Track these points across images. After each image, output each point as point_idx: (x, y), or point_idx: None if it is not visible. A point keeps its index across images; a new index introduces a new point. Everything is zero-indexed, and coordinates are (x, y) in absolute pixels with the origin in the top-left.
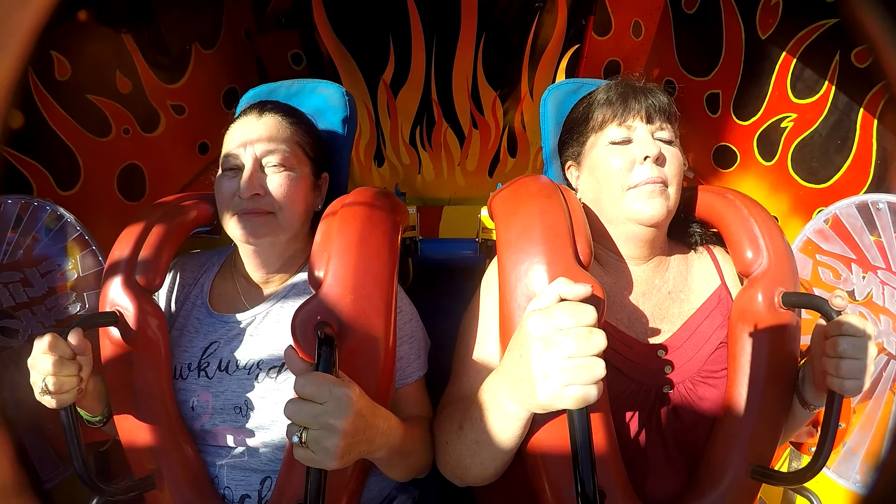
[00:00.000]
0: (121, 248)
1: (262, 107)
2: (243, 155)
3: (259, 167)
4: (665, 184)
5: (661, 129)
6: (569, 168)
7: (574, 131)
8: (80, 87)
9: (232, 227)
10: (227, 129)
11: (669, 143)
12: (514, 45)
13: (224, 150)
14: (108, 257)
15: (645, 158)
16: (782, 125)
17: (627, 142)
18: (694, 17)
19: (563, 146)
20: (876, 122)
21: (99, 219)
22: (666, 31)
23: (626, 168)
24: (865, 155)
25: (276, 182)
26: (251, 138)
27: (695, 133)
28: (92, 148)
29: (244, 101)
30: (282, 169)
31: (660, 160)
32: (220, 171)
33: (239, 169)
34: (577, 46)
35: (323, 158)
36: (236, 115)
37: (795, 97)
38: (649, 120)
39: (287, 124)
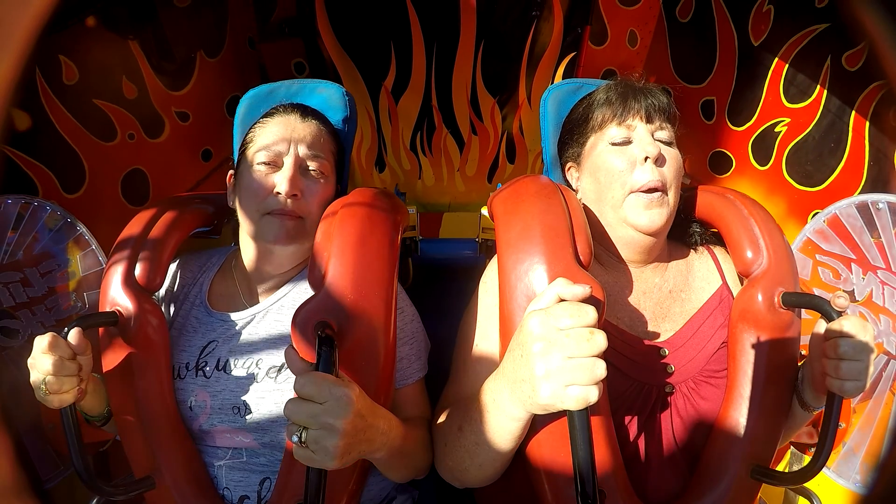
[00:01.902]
0: (121, 248)
1: (304, 110)
2: (286, 151)
3: (300, 168)
4: (665, 189)
5: (661, 128)
6: (569, 169)
7: (574, 132)
8: (87, 92)
9: (260, 225)
10: (258, 124)
11: (669, 144)
12: (512, 52)
13: (260, 142)
14: (109, 257)
15: (645, 159)
16: (776, 130)
17: (627, 142)
18: (688, 26)
19: (563, 147)
20: (868, 123)
21: (102, 222)
22: (661, 39)
23: (626, 169)
24: (858, 157)
25: (314, 189)
26: (296, 136)
27: (690, 140)
28: (97, 152)
29: (244, 101)
30: (321, 176)
31: (659, 161)
32: (249, 165)
33: (275, 165)
34: (573, 54)
35: (342, 172)
36: (255, 113)
37: (788, 102)
38: (649, 119)
39: (326, 133)
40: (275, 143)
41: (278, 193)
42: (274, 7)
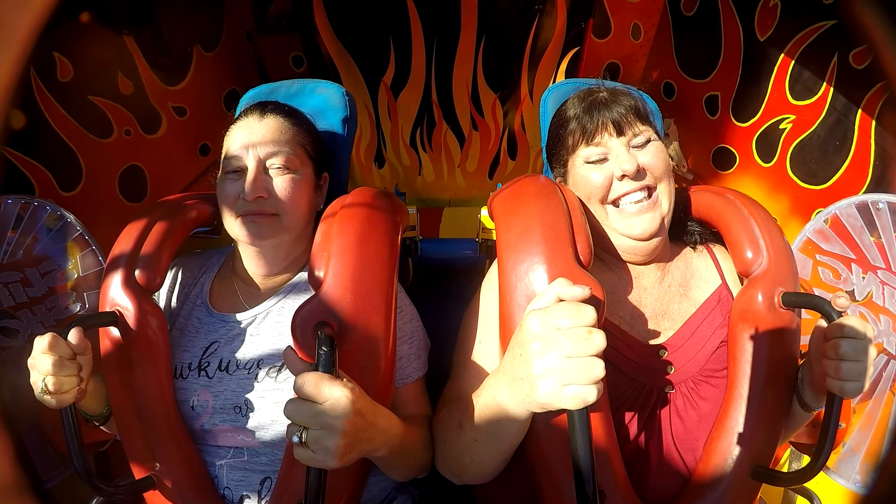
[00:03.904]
0: (121, 248)
1: (263, 108)
2: (246, 157)
3: (262, 169)
4: (651, 190)
5: (636, 134)
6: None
7: (553, 151)
8: (82, 89)
9: (236, 228)
10: (228, 131)
11: (648, 142)
12: (513, 47)
13: (225, 152)
14: (109, 257)
15: (622, 177)
16: (781, 126)
17: (604, 159)
18: (693, 20)
19: (551, 164)
20: (874, 122)
21: (100, 220)
22: (665, 33)
23: (605, 185)
24: (864, 155)
25: (281, 185)
26: (254, 140)
27: (694, 135)
28: (94, 149)
29: (244, 101)
30: (286, 171)
31: (640, 174)
32: (221, 173)
33: (242, 171)
34: (576, 49)
35: (324, 158)
36: (236, 115)
37: (794, 98)
38: (620, 132)
39: (289, 125)
40: (237, 150)
41: (244, 198)
42: (271, 1)
